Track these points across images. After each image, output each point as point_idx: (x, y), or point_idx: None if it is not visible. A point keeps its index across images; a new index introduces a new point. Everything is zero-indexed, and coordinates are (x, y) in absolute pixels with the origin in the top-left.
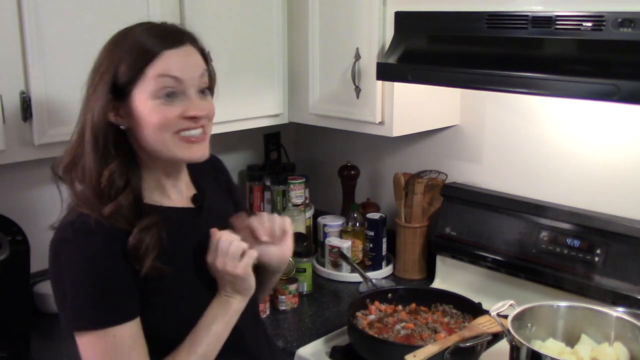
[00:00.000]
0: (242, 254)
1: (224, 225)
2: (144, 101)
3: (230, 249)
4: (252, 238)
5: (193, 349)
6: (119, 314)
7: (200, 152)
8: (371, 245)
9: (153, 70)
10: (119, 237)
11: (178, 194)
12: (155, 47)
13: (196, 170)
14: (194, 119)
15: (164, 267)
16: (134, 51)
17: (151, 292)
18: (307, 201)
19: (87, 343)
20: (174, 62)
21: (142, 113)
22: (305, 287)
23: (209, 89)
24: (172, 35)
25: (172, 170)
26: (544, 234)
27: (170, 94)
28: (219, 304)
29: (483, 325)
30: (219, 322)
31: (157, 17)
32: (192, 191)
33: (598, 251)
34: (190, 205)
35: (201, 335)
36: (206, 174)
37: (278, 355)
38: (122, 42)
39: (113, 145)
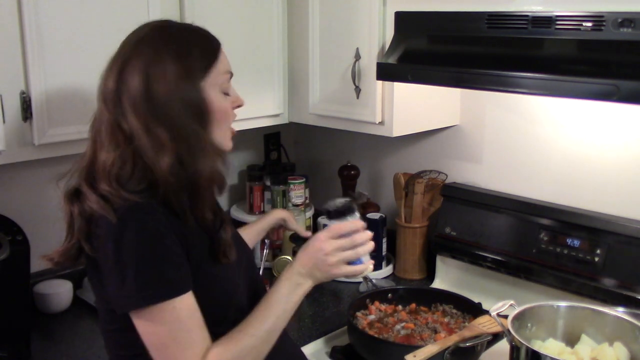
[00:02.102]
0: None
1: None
2: (213, 95)
3: (361, 248)
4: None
5: (262, 322)
6: (178, 286)
7: (232, 144)
8: None
9: (220, 66)
10: (169, 217)
11: None
12: (214, 43)
13: None
14: (238, 108)
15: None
16: (199, 49)
17: (193, 271)
18: (307, 201)
19: (149, 318)
20: (227, 59)
21: (212, 106)
22: None
23: None
24: (210, 34)
25: None
26: (544, 234)
27: (228, 89)
28: (289, 284)
29: (483, 325)
30: (289, 301)
31: (157, 17)
32: None
33: (598, 251)
34: None
35: (270, 312)
36: None
37: (294, 346)
38: (182, 36)
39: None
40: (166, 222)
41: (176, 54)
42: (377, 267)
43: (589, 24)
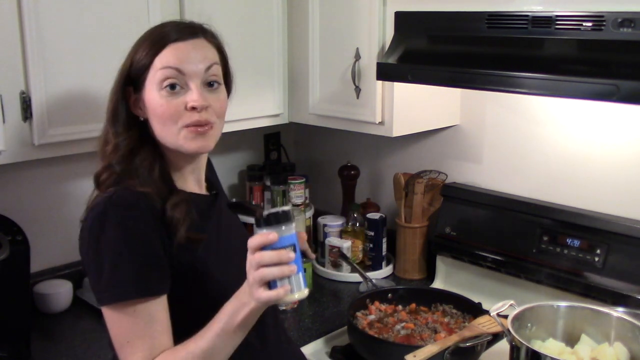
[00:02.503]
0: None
1: (230, 214)
2: (151, 92)
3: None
4: None
5: (200, 340)
6: (145, 289)
7: (200, 144)
8: (371, 245)
9: (159, 61)
10: (154, 213)
11: (195, 183)
12: (164, 39)
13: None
14: (195, 110)
15: (199, 235)
16: (147, 44)
17: (183, 270)
18: (307, 201)
19: (112, 318)
20: (179, 54)
21: (149, 104)
22: None
23: (225, 84)
24: (186, 29)
25: (191, 160)
26: (544, 234)
27: (173, 86)
28: (236, 303)
29: (483, 325)
30: (230, 321)
31: (157, 17)
32: (205, 183)
33: (598, 251)
34: (206, 193)
35: (210, 330)
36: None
37: (294, 346)
38: (140, 38)
39: (125, 125)
40: (151, 218)
41: (131, 49)
42: (377, 267)
43: (589, 24)
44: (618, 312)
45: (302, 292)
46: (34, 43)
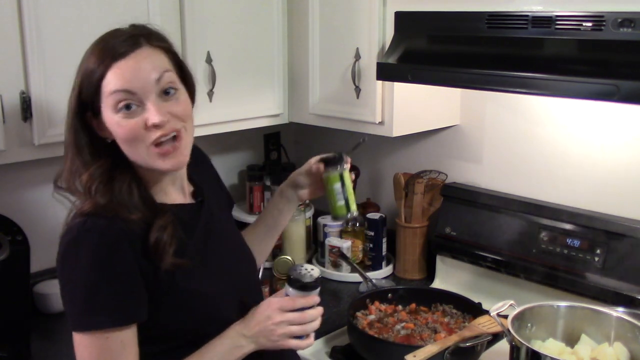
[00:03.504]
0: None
1: (222, 217)
2: (109, 116)
3: (309, 326)
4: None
5: None
6: (126, 317)
7: (174, 162)
8: (371, 245)
9: (106, 87)
10: (130, 237)
11: (179, 192)
12: (105, 61)
13: (188, 166)
14: (157, 127)
15: (182, 261)
16: (88, 72)
17: (165, 290)
18: (307, 201)
19: (82, 343)
20: (124, 74)
21: (111, 128)
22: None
23: (185, 83)
24: (127, 41)
25: (168, 173)
26: (544, 234)
27: (128, 106)
28: (230, 344)
29: (483, 325)
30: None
31: (157, 18)
32: (190, 187)
33: (598, 251)
34: (191, 201)
35: None
36: (197, 167)
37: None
38: (82, 61)
39: (93, 153)
40: (128, 245)
41: (76, 77)
42: (377, 267)
43: (589, 24)
44: (618, 312)
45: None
46: (34, 43)
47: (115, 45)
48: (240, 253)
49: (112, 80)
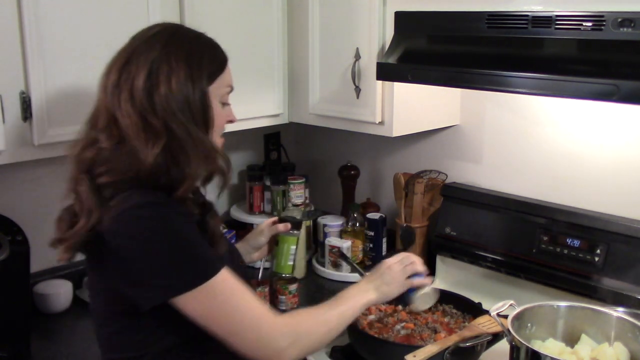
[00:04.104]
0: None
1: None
2: (215, 103)
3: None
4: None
5: (328, 310)
6: (218, 261)
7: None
8: (371, 245)
9: (224, 79)
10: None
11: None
12: (224, 57)
13: None
14: (230, 122)
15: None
16: (214, 56)
17: None
18: (307, 201)
19: (202, 297)
20: (231, 73)
21: (214, 114)
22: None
23: None
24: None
25: None
26: (544, 234)
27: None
28: (357, 289)
29: (483, 325)
30: (352, 305)
31: (157, 17)
32: None
33: (598, 251)
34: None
35: (334, 305)
36: None
37: None
38: (194, 41)
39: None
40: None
41: (186, 56)
42: None
43: (589, 24)
44: (618, 312)
45: None
46: (34, 43)
47: (222, 49)
48: (236, 259)
49: (229, 75)
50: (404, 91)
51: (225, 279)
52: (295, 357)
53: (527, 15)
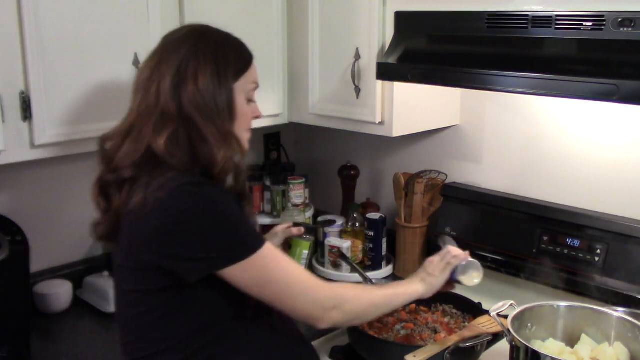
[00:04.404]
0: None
1: None
2: (240, 99)
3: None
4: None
5: (366, 289)
6: (261, 236)
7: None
8: (371, 245)
9: (250, 76)
10: None
11: None
12: (249, 55)
13: None
14: (256, 118)
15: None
16: (240, 54)
17: None
18: (307, 201)
19: (254, 265)
20: (256, 71)
21: (238, 109)
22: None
23: None
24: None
25: None
26: (544, 234)
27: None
28: (406, 282)
29: (483, 325)
30: (399, 292)
31: (157, 17)
32: None
33: (598, 251)
34: None
35: (384, 290)
36: None
37: None
38: (221, 40)
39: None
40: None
41: (214, 54)
42: (377, 267)
43: (589, 24)
44: (618, 312)
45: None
46: (34, 43)
47: (247, 47)
48: None
49: (254, 72)
50: (404, 91)
51: (271, 250)
52: (339, 320)
53: (527, 15)
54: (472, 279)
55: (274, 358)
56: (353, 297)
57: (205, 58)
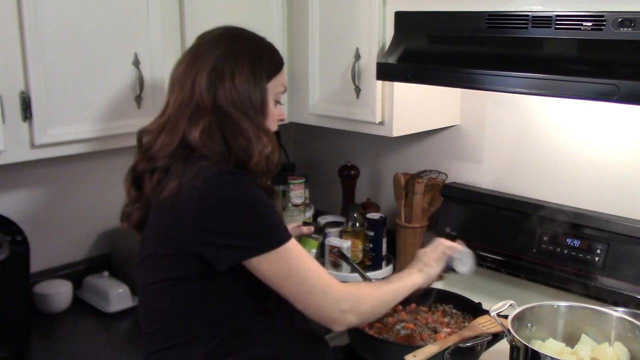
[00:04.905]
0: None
1: None
2: (270, 100)
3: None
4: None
5: (377, 286)
6: (287, 230)
7: None
8: (371, 245)
9: (280, 78)
10: None
11: None
12: (281, 59)
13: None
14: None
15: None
16: (273, 57)
17: None
18: (307, 201)
19: (279, 258)
20: (286, 75)
21: (268, 109)
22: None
23: None
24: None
25: None
26: (544, 234)
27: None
28: (406, 273)
29: (483, 325)
30: (401, 284)
31: (156, 17)
32: None
33: (598, 251)
34: None
35: (389, 283)
36: None
37: None
38: (256, 42)
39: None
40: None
41: (249, 54)
42: (377, 267)
43: (589, 24)
44: (618, 312)
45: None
46: (34, 43)
47: (279, 52)
48: None
49: (284, 76)
50: (404, 91)
51: (296, 245)
52: (353, 321)
53: (527, 15)
54: (465, 267)
55: (292, 354)
56: (366, 297)
57: (242, 57)
